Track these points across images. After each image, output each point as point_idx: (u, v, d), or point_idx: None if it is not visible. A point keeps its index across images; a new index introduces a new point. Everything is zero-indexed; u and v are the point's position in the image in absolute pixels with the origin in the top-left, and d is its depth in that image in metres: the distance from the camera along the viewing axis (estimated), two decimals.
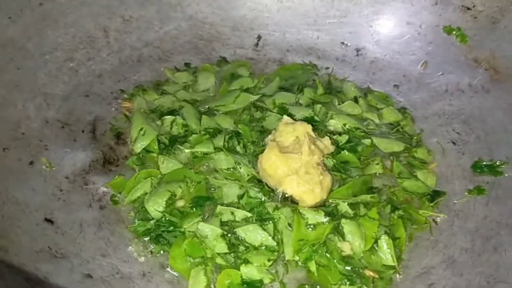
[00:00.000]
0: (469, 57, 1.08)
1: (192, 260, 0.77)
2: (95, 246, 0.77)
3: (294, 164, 0.85)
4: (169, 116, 0.96)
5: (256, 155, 0.91)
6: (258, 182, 0.87)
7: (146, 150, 0.91)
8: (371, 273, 0.78)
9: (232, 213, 0.82)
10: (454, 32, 1.09)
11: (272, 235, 0.79)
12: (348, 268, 0.78)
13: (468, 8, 1.09)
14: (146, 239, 0.80)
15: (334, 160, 0.91)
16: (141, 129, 0.92)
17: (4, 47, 0.89)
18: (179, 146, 0.92)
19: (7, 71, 0.89)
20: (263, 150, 0.89)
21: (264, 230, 0.80)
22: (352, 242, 0.80)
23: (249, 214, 0.82)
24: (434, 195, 0.90)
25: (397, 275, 0.79)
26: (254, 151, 0.92)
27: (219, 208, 0.82)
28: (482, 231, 0.84)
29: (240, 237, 0.79)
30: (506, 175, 0.91)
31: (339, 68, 1.15)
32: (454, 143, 0.99)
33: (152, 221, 0.81)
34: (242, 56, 1.15)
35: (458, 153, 0.97)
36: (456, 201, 0.90)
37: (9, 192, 0.77)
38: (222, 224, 0.80)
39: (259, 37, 1.18)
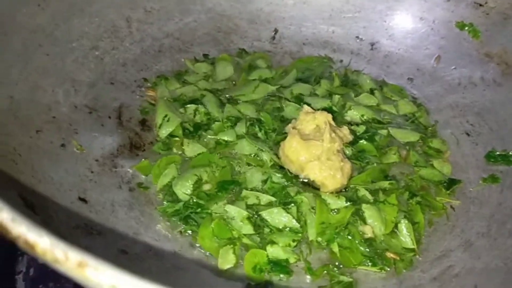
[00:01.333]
0: (481, 52, 1.11)
1: (219, 240, 0.80)
2: (127, 225, 0.80)
3: (316, 150, 0.88)
4: (192, 105, 0.99)
5: (277, 142, 0.94)
6: (280, 168, 0.90)
7: (171, 135, 0.94)
8: (392, 255, 0.81)
9: (257, 197, 0.84)
10: (466, 28, 1.13)
11: (296, 218, 0.82)
12: (370, 250, 0.81)
13: (480, 5, 1.12)
14: (175, 219, 0.82)
15: (352, 149, 0.94)
16: (165, 116, 0.95)
17: (34, 33, 0.91)
18: (203, 133, 0.94)
19: (37, 57, 0.91)
20: (284, 138, 0.92)
21: (288, 213, 0.82)
22: (373, 225, 0.83)
23: (273, 199, 0.84)
24: (450, 183, 0.93)
25: (417, 257, 0.82)
26: (275, 139, 0.95)
27: (244, 192, 0.85)
28: (498, 216, 0.87)
29: (265, 220, 0.82)
30: None
31: (354, 62, 1.18)
32: (468, 134, 1.02)
33: (180, 203, 0.84)
34: (259, 49, 1.18)
35: (472, 144, 1.01)
36: (471, 189, 0.93)
37: (44, 171, 0.79)
38: (248, 207, 0.83)
39: (275, 30, 1.21)
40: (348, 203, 0.84)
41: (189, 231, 0.82)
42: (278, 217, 0.82)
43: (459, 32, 1.13)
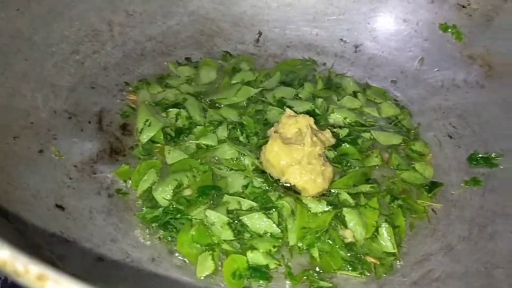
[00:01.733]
0: (464, 54, 1.11)
1: (199, 246, 0.79)
2: (105, 232, 0.79)
3: (297, 154, 0.87)
4: (173, 109, 0.98)
5: (259, 146, 0.93)
6: (262, 172, 0.90)
7: (152, 141, 0.93)
8: (372, 259, 0.81)
9: (239, 202, 0.84)
10: (449, 30, 1.13)
11: (277, 223, 0.82)
12: (350, 254, 0.80)
13: (463, 6, 1.12)
14: (154, 225, 0.82)
15: (335, 152, 0.94)
16: (146, 121, 0.94)
17: (12, 38, 0.91)
18: (184, 137, 0.94)
19: (16, 62, 0.90)
20: (266, 141, 0.91)
21: (269, 218, 0.82)
22: (353, 229, 0.82)
23: (254, 204, 0.83)
24: (432, 186, 0.93)
25: (397, 261, 0.82)
26: (257, 143, 0.95)
27: (226, 197, 0.84)
28: (479, 220, 0.87)
29: (245, 225, 0.81)
30: (501, 166, 0.94)
31: (338, 64, 1.18)
32: (450, 136, 1.02)
33: (160, 209, 0.83)
34: (243, 52, 1.18)
35: (455, 146, 1.01)
36: (453, 192, 0.93)
37: (20, 178, 0.78)
38: (229, 212, 0.82)
39: (259, 33, 1.20)
40: (329, 207, 0.83)
41: (168, 238, 0.81)
42: (258, 222, 0.82)
43: (442, 34, 1.13)
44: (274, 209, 0.83)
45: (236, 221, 0.81)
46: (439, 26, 1.14)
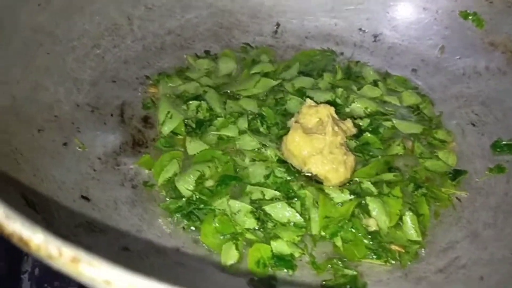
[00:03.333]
0: (486, 41, 1.09)
1: (222, 236, 0.80)
2: (130, 223, 0.80)
3: (318, 144, 0.87)
4: (194, 101, 0.98)
5: (279, 137, 0.93)
6: (283, 162, 0.90)
7: (174, 132, 0.94)
8: (397, 248, 0.80)
9: (262, 192, 0.84)
10: (470, 17, 1.11)
11: (300, 212, 0.82)
12: (374, 243, 0.80)
13: None
14: (178, 216, 0.82)
15: (356, 142, 0.94)
16: (168, 113, 0.95)
17: (34, 33, 0.91)
18: (205, 129, 0.94)
19: (38, 56, 0.91)
20: (286, 132, 0.91)
21: (292, 207, 0.82)
22: (377, 218, 0.82)
23: (277, 193, 0.83)
24: (456, 174, 0.92)
25: (422, 249, 0.81)
26: (277, 133, 0.95)
27: (249, 187, 0.84)
28: (504, 207, 0.86)
29: (268, 214, 0.82)
30: None
31: (357, 54, 1.17)
32: (473, 124, 1.01)
33: (183, 199, 0.83)
34: (262, 43, 1.17)
35: (478, 134, 0.99)
36: (477, 179, 0.92)
37: (46, 170, 0.79)
38: (252, 202, 0.83)
39: (277, 25, 1.20)
40: (352, 196, 0.83)
41: (192, 228, 0.81)
42: (281, 211, 0.82)
43: (463, 21, 1.12)
44: (296, 199, 0.83)
45: (259, 211, 0.81)
46: (460, 13, 1.12)
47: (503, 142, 0.96)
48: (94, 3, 1.03)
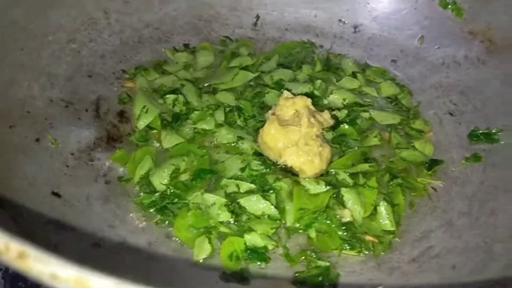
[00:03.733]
0: (465, 30, 1.09)
1: (196, 230, 0.79)
2: (102, 218, 0.79)
3: (294, 136, 0.87)
4: (171, 95, 0.98)
5: (256, 129, 0.93)
6: (259, 155, 0.89)
7: (149, 127, 0.93)
8: (371, 238, 0.80)
9: (237, 185, 0.83)
10: (449, 6, 1.11)
11: (274, 205, 0.81)
12: (348, 233, 0.80)
13: None
14: (151, 210, 0.82)
15: (333, 133, 0.93)
16: (143, 107, 0.94)
17: (8, 28, 0.90)
18: (181, 123, 0.94)
19: (12, 52, 0.90)
20: (264, 124, 0.91)
21: (267, 200, 0.82)
22: (352, 209, 0.82)
23: (253, 186, 0.83)
24: (432, 164, 0.92)
25: (397, 239, 0.81)
26: (254, 126, 0.94)
27: (224, 181, 0.84)
28: (480, 195, 0.86)
29: (243, 207, 0.81)
30: (503, 142, 0.92)
31: (337, 45, 1.16)
32: (451, 114, 1.01)
33: (157, 194, 0.83)
34: (241, 36, 1.17)
35: (455, 123, 0.99)
36: (454, 169, 0.92)
37: (17, 167, 0.79)
38: (226, 195, 0.82)
39: (257, 17, 1.19)
40: (327, 188, 0.83)
41: (166, 222, 0.81)
42: (256, 204, 0.81)
43: (442, 11, 1.12)
44: (272, 191, 0.83)
45: (233, 204, 0.81)
46: (439, 3, 1.12)
47: (480, 131, 0.95)
48: None
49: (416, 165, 0.91)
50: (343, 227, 0.80)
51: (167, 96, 0.98)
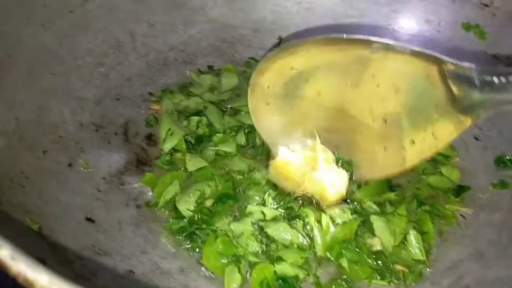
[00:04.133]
0: (489, 53, 1.09)
1: (225, 259, 0.80)
2: (134, 243, 0.80)
3: (311, 162, 0.87)
4: (195, 117, 0.99)
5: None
6: (274, 186, 0.89)
7: (174, 149, 0.94)
8: (401, 267, 0.80)
9: (262, 212, 0.84)
10: (472, 29, 1.11)
11: (302, 233, 0.82)
12: (378, 262, 0.80)
13: (486, 5, 1.10)
14: (181, 236, 0.82)
15: None
16: (169, 130, 0.95)
17: (38, 53, 0.92)
18: (205, 145, 0.94)
19: (42, 77, 0.92)
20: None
21: (293, 228, 0.82)
22: (381, 237, 0.82)
23: (278, 213, 0.84)
24: (459, 190, 0.92)
25: (427, 268, 0.81)
26: None
27: (249, 208, 0.84)
28: (508, 223, 0.86)
29: (271, 236, 0.82)
30: None
31: None
32: (476, 138, 1.01)
33: (185, 220, 0.84)
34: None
35: (481, 148, 0.99)
36: (481, 195, 0.92)
37: (51, 192, 0.80)
38: (253, 223, 0.83)
39: (280, 39, 1.20)
40: (354, 216, 0.83)
41: (196, 249, 0.82)
42: (284, 233, 0.82)
43: (465, 33, 1.12)
44: (298, 219, 0.83)
45: (262, 233, 0.81)
46: (462, 25, 1.12)
47: (507, 157, 0.95)
48: (97, 22, 1.04)
49: (443, 192, 0.91)
50: (374, 256, 0.80)
51: (191, 118, 0.99)
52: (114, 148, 0.94)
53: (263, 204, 0.85)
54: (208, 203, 0.86)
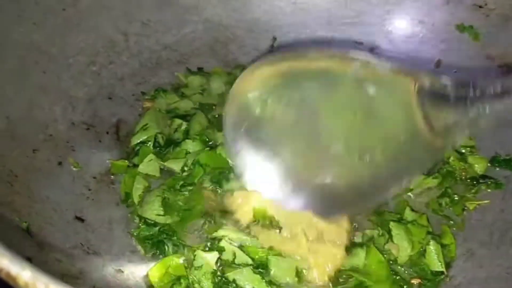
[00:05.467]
0: (482, 54, 1.09)
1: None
2: (124, 243, 0.80)
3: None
4: (178, 120, 0.97)
5: None
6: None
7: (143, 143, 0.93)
8: (416, 280, 0.79)
9: (234, 253, 0.78)
10: (466, 30, 1.11)
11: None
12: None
13: (480, 7, 1.10)
14: (147, 244, 0.80)
15: None
16: (145, 125, 0.95)
17: (30, 51, 0.91)
18: (170, 150, 0.93)
19: (33, 75, 0.91)
20: None
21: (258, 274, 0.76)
22: (399, 245, 0.81)
23: (250, 261, 0.77)
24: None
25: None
26: None
27: (224, 243, 0.78)
28: (499, 224, 0.86)
29: (230, 282, 0.75)
30: None
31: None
32: (470, 138, 1.01)
33: (155, 228, 0.81)
34: (258, 58, 1.17)
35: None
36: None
37: (40, 191, 0.79)
38: (218, 260, 0.77)
39: (274, 39, 1.20)
40: None
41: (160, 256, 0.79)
42: (245, 281, 0.75)
43: (459, 34, 1.12)
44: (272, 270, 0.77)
45: (221, 276, 0.76)
46: (456, 27, 1.12)
47: (501, 158, 0.95)
48: (89, 20, 1.03)
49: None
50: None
51: (174, 119, 0.98)
52: (105, 147, 0.93)
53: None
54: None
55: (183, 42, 1.16)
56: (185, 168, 0.89)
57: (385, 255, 0.79)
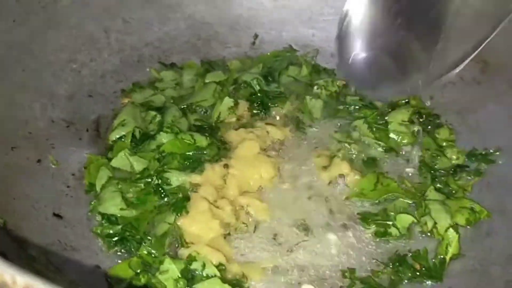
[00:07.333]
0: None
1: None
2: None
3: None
4: (152, 112, 0.98)
5: None
6: None
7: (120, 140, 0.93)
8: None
9: (204, 265, 0.77)
10: None
11: None
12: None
13: None
14: (109, 240, 0.80)
15: None
16: (123, 120, 0.95)
17: (10, 49, 0.91)
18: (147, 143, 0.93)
19: (13, 72, 0.91)
20: None
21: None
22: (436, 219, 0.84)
23: (218, 274, 0.76)
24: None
25: None
26: None
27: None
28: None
29: None
30: (500, 162, 0.94)
31: (335, 64, 1.17)
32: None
33: (118, 226, 0.81)
34: (240, 55, 1.18)
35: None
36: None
37: (19, 188, 0.80)
38: (185, 270, 0.76)
39: (256, 36, 1.21)
40: None
41: (125, 254, 0.79)
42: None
43: None
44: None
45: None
46: None
47: (478, 152, 0.96)
48: (70, 17, 1.04)
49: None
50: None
51: (149, 112, 0.98)
52: (85, 144, 0.94)
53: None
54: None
55: (165, 39, 1.16)
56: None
57: None
